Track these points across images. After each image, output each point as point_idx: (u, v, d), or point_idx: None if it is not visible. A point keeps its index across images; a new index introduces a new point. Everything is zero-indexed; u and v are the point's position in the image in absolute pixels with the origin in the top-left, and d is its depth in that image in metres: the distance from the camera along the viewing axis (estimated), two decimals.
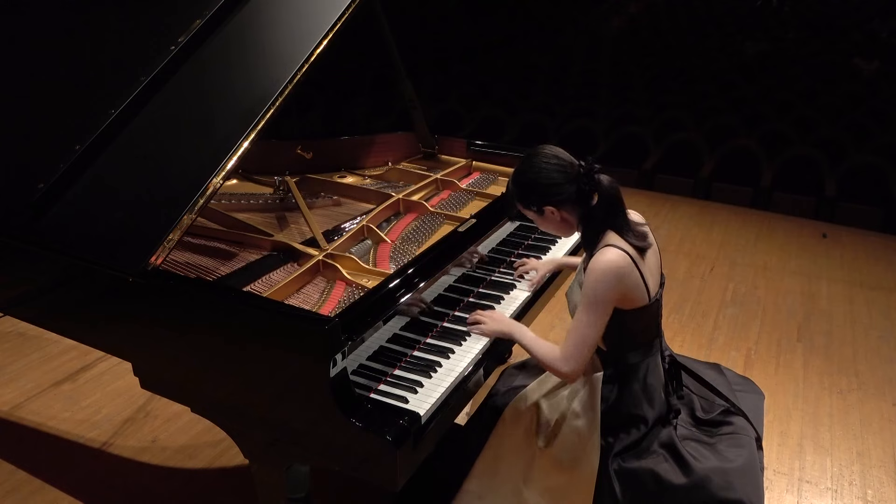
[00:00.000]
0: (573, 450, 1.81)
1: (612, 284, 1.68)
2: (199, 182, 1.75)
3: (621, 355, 1.83)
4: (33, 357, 3.32)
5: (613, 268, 1.68)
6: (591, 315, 1.70)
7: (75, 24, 2.36)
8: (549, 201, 1.78)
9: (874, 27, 10.10)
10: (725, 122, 6.53)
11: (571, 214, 1.80)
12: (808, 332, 3.78)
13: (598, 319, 1.71)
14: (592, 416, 1.81)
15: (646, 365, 1.84)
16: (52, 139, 2.05)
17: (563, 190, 1.76)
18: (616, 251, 1.70)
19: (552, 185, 1.76)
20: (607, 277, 1.68)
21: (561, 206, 1.78)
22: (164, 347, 1.80)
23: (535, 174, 1.77)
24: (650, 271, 1.79)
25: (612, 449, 1.77)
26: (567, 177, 1.75)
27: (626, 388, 1.82)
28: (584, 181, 1.75)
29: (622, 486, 1.74)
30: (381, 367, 1.77)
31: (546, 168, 1.76)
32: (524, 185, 1.81)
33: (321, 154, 2.82)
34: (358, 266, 2.04)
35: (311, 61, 1.96)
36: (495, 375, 2.11)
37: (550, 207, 1.79)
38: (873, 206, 5.38)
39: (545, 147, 1.82)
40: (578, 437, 1.81)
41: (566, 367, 1.74)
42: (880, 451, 2.85)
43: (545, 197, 1.78)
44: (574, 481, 1.80)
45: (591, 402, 1.82)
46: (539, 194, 1.79)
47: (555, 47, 10.08)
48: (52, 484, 2.53)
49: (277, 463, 1.73)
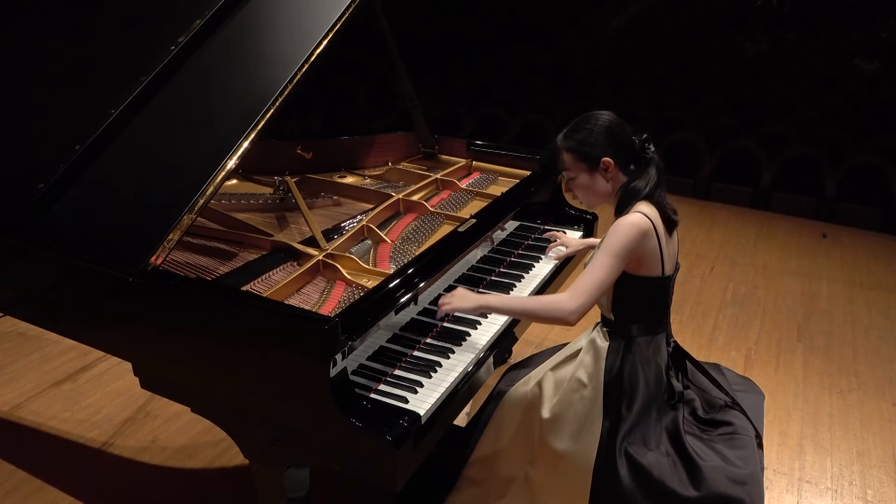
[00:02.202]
0: (577, 420, 1.83)
1: (633, 239, 1.73)
2: (199, 182, 1.75)
3: (628, 326, 1.85)
4: (33, 357, 3.32)
5: (637, 225, 1.74)
6: (609, 259, 1.73)
7: (75, 24, 2.36)
8: (609, 152, 1.81)
9: (874, 27, 10.11)
10: (725, 122, 6.53)
11: (618, 175, 1.84)
12: (808, 332, 3.78)
13: (615, 265, 1.74)
14: (596, 386, 1.83)
15: (649, 340, 1.86)
16: (52, 139, 2.05)
17: (625, 146, 1.82)
18: (642, 216, 1.76)
19: (619, 137, 1.82)
20: (631, 231, 1.73)
21: (616, 160, 1.82)
22: (164, 347, 1.80)
23: (605, 125, 1.83)
24: (669, 249, 1.84)
25: (618, 430, 1.78)
26: (629, 138, 1.84)
27: (632, 360, 1.84)
28: (642, 147, 1.83)
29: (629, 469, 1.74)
30: (381, 367, 1.77)
31: (613, 122, 1.83)
32: (589, 132, 1.83)
33: (321, 154, 2.81)
34: (358, 266, 2.04)
35: (311, 61, 1.96)
36: (495, 376, 2.12)
37: (608, 158, 1.82)
38: (873, 206, 5.38)
39: (599, 112, 1.88)
40: (582, 404, 1.83)
41: (574, 303, 1.72)
42: (880, 451, 2.85)
43: (608, 146, 1.82)
44: (575, 458, 1.81)
45: (596, 371, 1.85)
46: (603, 144, 1.82)
47: (555, 47, 10.09)
48: (52, 484, 2.53)
49: (277, 463, 1.73)
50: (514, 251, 2.47)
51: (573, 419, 1.84)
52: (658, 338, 1.89)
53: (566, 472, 1.83)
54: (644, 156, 1.83)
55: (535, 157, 2.86)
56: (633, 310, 1.84)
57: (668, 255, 1.83)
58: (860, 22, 10.46)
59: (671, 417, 1.84)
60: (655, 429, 1.81)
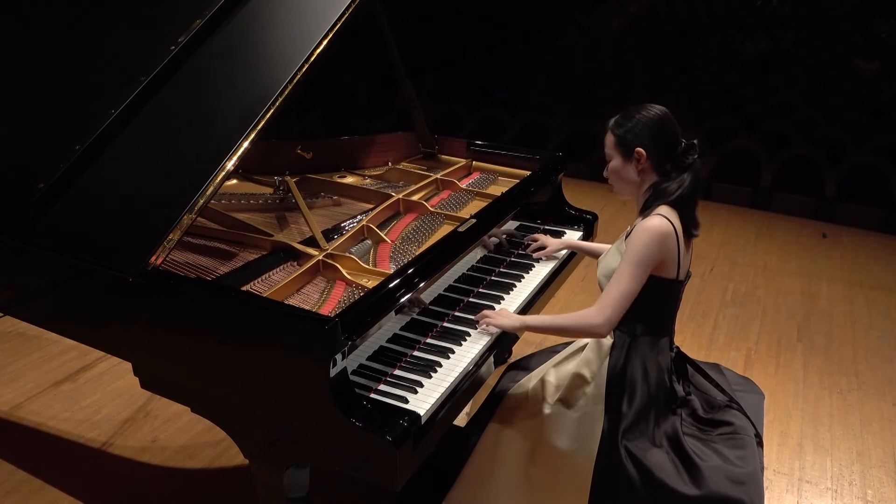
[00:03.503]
0: (578, 416, 1.84)
1: (656, 245, 1.74)
2: (199, 182, 1.75)
3: (633, 324, 1.86)
4: (33, 357, 3.32)
5: (661, 230, 1.75)
6: (634, 269, 1.75)
7: (75, 24, 2.36)
8: (646, 144, 1.81)
9: (874, 27, 10.11)
10: (725, 122, 6.53)
11: (649, 170, 1.83)
12: (808, 332, 3.78)
13: (640, 275, 1.76)
14: (599, 382, 1.85)
15: (652, 341, 1.87)
16: (52, 139, 2.05)
17: (666, 144, 1.81)
18: (663, 220, 1.76)
19: (662, 134, 1.81)
20: (654, 238, 1.74)
21: (651, 155, 1.81)
22: (164, 347, 1.80)
23: (653, 118, 1.82)
24: (686, 256, 1.85)
25: (619, 427, 1.78)
26: (674, 139, 1.82)
27: (635, 357, 1.85)
28: (685, 152, 1.81)
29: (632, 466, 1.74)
30: (381, 367, 1.77)
31: (663, 118, 1.82)
32: (636, 121, 1.83)
33: (321, 154, 2.81)
34: (358, 266, 2.04)
35: (311, 61, 1.95)
36: (496, 376, 2.12)
37: (642, 150, 1.81)
38: (873, 206, 5.38)
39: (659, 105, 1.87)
40: (584, 400, 1.85)
41: (601, 316, 1.76)
42: (880, 451, 2.85)
43: (647, 139, 1.81)
44: (577, 451, 1.82)
45: (599, 368, 1.86)
46: (644, 135, 1.81)
47: (555, 47, 10.08)
48: (52, 484, 2.53)
49: (277, 463, 1.73)
50: (514, 251, 2.47)
51: (575, 415, 1.85)
52: (662, 341, 1.90)
53: (567, 470, 1.83)
54: (684, 160, 1.82)
55: (535, 157, 2.86)
56: (642, 308, 1.83)
57: (684, 260, 1.85)
58: (860, 22, 10.45)
59: (670, 422, 1.84)
60: (655, 430, 1.82)
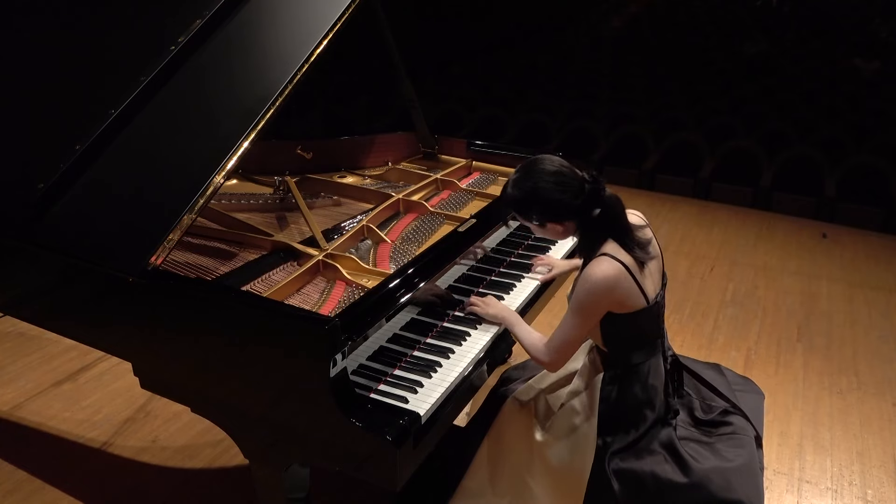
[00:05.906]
0: (569, 447, 1.82)
1: (602, 296, 1.69)
2: (199, 182, 1.75)
3: (624, 356, 1.83)
4: (33, 357, 3.32)
5: (605, 280, 1.67)
6: (576, 318, 1.73)
7: (75, 24, 2.36)
8: (550, 217, 1.76)
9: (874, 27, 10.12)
10: (725, 122, 6.53)
11: (571, 225, 1.79)
12: (808, 332, 3.77)
13: (583, 323, 1.73)
14: (591, 416, 1.82)
15: (648, 366, 1.84)
16: (52, 139, 2.05)
17: (565, 206, 1.73)
18: (610, 262, 1.68)
19: (554, 202, 1.73)
20: (598, 289, 1.68)
21: (562, 220, 1.76)
22: (164, 347, 1.80)
23: (537, 190, 1.73)
24: (650, 276, 1.78)
25: (610, 448, 1.78)
26: (571, 193, 1.71)
27: (628, 389, 1.82)
28: (589, 198, 1.71)
29: (621, 485, 1.74)
30: (381, 367, 1.77)
31: (548, 183, 1.72)
32: (524, 199, 1.77)
33: (321, 154, 2.82)
34: (358, 266, 2.04)
35: (311, 61, 1.95)
36: (495, 376, 2.12)
37: (552, 223, 1.77)
38: (873, 206, 5.37)
39: (546, 160, 1.77)
40: (575, 434, 1.82)
41: (547, 357, 1.80)
42: (880, 451, 2.85)
43: (547, 213, 1.76)
44: (568, 477, 1.80)
45: (591, 402, 1.83)
46: (540, 211, 1.76)
47: (555, 47, 10.09)
48: (52, 484, 2.53)
49: (277, 463, 1.73)
50: (514, 251, 2.47)
51: (567, 442, 1.83)
52: (655, 359, 1.87)
53: (562, 483, 1.82)
54: (595, 203, 1.71)
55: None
56: (626, 343, 1.82)
57: (650, 281, 1.78)
58: (860, 22, 10.46)
59: (665, 433, 1.84)
60: (650, 443, 1.81)
